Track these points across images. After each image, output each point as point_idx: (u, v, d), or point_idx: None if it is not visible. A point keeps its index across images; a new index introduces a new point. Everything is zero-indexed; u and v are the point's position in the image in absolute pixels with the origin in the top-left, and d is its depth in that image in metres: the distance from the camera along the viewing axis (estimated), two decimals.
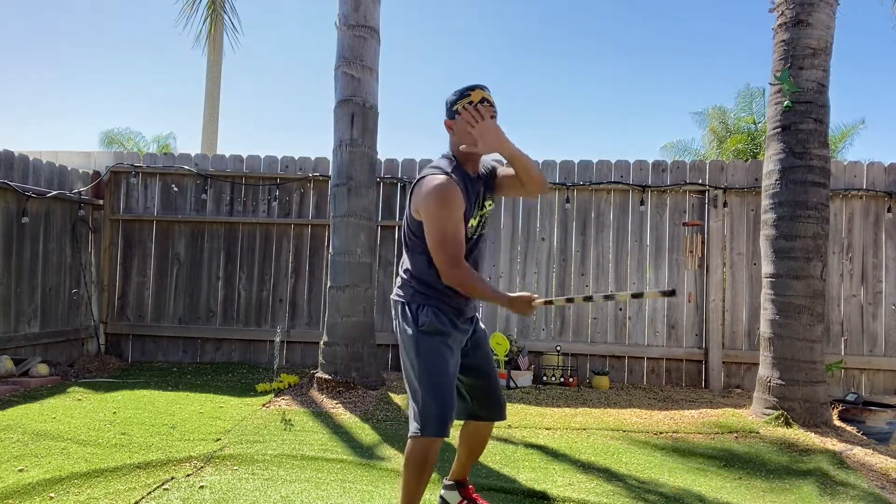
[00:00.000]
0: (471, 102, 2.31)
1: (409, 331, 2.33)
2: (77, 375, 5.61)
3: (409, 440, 2.33)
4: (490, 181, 2.48)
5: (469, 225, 2.35)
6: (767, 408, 4.50)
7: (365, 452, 3.55)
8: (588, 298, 2.31)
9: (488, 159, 2.54)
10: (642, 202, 6.14)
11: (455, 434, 2.64)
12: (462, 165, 2.36)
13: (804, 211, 4.49)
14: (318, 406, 4.63)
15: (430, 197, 2.23)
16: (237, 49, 12.24)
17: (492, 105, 2.34)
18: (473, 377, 2.50)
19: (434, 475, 3.11)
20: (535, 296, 2.28)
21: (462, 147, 2.33)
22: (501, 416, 2.55)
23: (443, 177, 2.25)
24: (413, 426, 2.29)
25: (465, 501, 2.68)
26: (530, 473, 3.26)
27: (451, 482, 2.72)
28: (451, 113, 2.37)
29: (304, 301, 6.45)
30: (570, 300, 2.32)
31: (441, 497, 2.75)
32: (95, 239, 6.46)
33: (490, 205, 2.47)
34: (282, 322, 6.38)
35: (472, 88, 2.34)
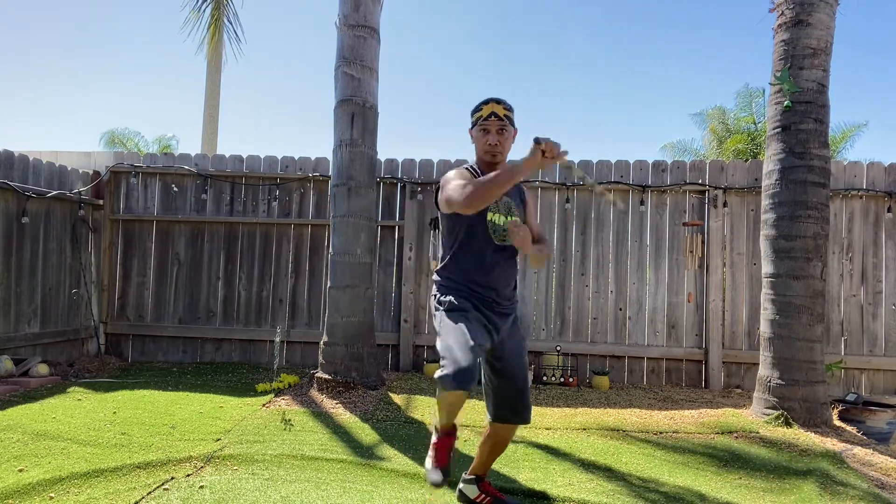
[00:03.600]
0: (480, 117, 2.53)
1: (438, 314, 2.56)
2: (77, 375, 5.61)
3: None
4: (520, 199, 2.69)
5: (490, 219, 2.53)
6: (767, 408, 4.50)
7: (365, 452, 3.55)
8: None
9: (520, 184, 2.73)
10: (642, 202, 6.14)
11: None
12: (483, 171, 2.57)
13: (804, 211, 4.49)
14: (318, 406, 4.63)
15: (443, 180, 2.55)
16: (238, 51, 12.23)
17: (500, 119, 2.51)
18: (503, 381, 2.59)
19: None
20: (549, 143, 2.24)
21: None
22: (525, 420, 2.63)
23: (455, 167, 2.62)
24: (437, 383, 2.39)
25: (483, 495, 2.78)
26: (530, 473, 3.26)
27: (471, 476, 2.82)
28: (471, 123, 2.60)
29: (304, 301, 6.45)
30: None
31: (460, 490, 2.83)
32: (95, 239, 6.46)
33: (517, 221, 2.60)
34: (282, 322, 6.38)
35: (487, 102, 2.54)
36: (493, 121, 2.51)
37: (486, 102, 2.53)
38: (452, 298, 2.52)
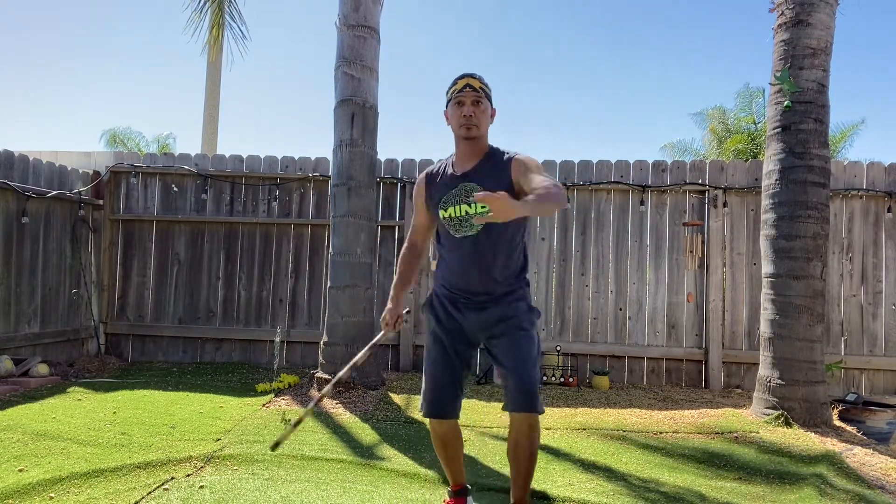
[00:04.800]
0: (454, 91, 2.42)
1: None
2: (77, 375, 5.61)
3: None
4: (500, 174, 2.37)
5: (442, 216, 2.45)
6: (767, 408, 4.50)
7: (365, 452, 3.55)
8: None
9: (509, 156, 2.43)
10: (642, 202, 6.14)
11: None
12: (455, 157, 2.53)
13: (804, 211, 4.49)
14: (318, 406, 4.62)
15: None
16: (243, 49, 12.24)
17: (475, 90, 2.39)
18: (498, 364, 2.43)
19: (433, 474, 3.12)
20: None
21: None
22: (523, 408, 2.29)
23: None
24: None
25: None
26: None
27: None
28: (446, 102, 2.49)
29: (304, 301, 6.45)
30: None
31: None
32: (95, 239, 6.46)
33: (484, 208, 2.27)
34: (282, 322, 6.38)
35: (461, 77, 2.43)
36: (467, 92, 2.38)
37: (460, 77, 2.42)
38: (427, 306, 2.59)
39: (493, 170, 2.41)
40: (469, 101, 2.38)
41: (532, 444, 2.37)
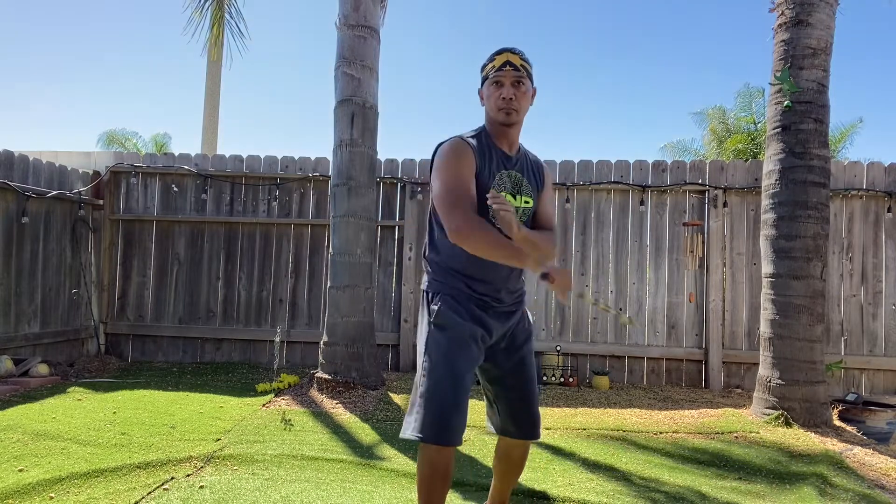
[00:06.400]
0: (492, 68, 2.12)
1: (423, 321, 2.14)
2: (77, 375, 5.61)
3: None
4: (537, 177, 2.25)
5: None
6: (767, 408, 4.50)
7: (365, 452, 3.55)
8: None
9: (538, 159, 2.33)
10: (642, 202, 6.14)
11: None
12: (491, 137, 2.17)
13: (804, 211, 4.49)
14: (318, 406, 4.63)
15: (436, 156, 2.11)
16: (242, 47, 12.21)
17: (516, 69, 2.09)
18: (502, 388, 2.21)
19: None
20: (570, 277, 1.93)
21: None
22: (532, 435, 2.22)
23: (452, 138, 2.12)
24: (406, 427, 2.07)
25: None
26: (530, 473, 3.25)
27: None
28: (481, 80, 2.19)
29: (304, 301, 6.45)
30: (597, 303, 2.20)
31: None
32: (95, 239, 6.46)
33: (528, 203, 2.18)
34: (282, 322, 6.37)
35: (500, 52, 2.13)
36: (507, 70, 2.07)
37: (498, 52, 2.11)
38: (445, 309, 2.08)
39: (535, 169, 2.25)
40: (509, 81, 2.09)
41: (523, 465, 2.42)
